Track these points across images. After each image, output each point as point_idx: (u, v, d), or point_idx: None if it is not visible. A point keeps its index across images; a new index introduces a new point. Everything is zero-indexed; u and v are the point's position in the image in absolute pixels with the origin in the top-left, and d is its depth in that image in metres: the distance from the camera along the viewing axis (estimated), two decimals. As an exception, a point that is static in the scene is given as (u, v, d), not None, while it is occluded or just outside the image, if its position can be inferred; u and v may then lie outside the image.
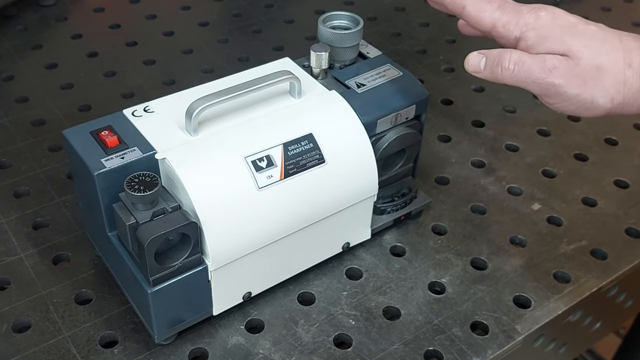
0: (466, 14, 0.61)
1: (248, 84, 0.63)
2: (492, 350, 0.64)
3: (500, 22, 0.59)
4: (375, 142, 0.68)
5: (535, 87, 0.58)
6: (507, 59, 0.58)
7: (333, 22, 0.72)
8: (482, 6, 0.60)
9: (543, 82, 0.57)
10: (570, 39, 0.57)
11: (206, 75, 0.97)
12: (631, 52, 0.57)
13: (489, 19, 0.60)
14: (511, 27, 0.59)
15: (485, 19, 0.60)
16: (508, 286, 0.70)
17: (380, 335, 0.65)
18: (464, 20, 0.62)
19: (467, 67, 0.61)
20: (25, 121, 0.88)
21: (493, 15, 0.59)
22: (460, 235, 0.75)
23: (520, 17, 0.59)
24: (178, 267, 0.58)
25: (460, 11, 0.61)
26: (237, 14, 1.11)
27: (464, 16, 0.61)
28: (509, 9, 0.59)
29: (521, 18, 0.59)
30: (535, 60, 0.57)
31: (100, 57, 1.00)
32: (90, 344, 0.63)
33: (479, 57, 0.60)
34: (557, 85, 0.57)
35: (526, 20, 0.58)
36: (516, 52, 0.58)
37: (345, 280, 0.70)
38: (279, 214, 0.62)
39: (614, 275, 0.72)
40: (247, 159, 0.60)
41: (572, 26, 0.58)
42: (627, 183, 0.83)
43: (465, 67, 0.61)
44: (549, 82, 0.57)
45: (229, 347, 0.64)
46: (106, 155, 0.60)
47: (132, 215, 0.57)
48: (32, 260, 0.71)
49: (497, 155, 0.86)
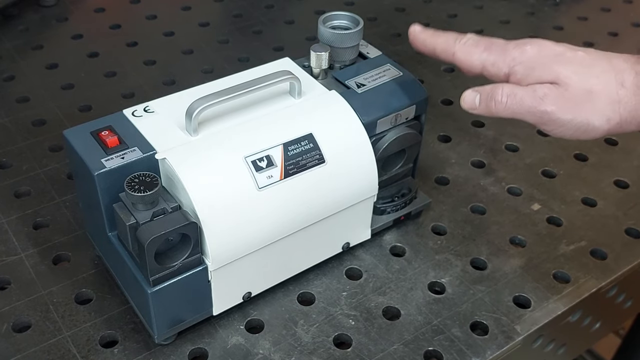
0: (457, 60, 0.63)
1: (248, 84, 0.63)
2: (492, 350, 0.64)
3: (489, 61, 0.62)
4: (375, 142, 0.68)
5: (530, 116, 0.59)
6: (500, 93, 0.60)
7: (333, 22, 0.72)
8: (470, 50, 0.62)
9: (536, 111, 0.59)
10: (557, 67, 0.59)
11: (206, 76, 0.97)
12: (623, 72, 0.58)
13: (477, 61, 0.62)
14: (500, 64, 0.61)
15: (475, 62, 0.62)
16: (508, 286, 0.70)
17: (380, 336, 0.65)
18: (456, 65, 0.64)
19: (463, 105, 0.63)
20: (25, 121, 0.88)
21: (481, 57, 0.62)
22: (460, 236, 0.75)
23: (507, 54, 0.61)
24: (178, 267, 0.58)
25: (451, 58, 0.64)
26: (238, 15, 1.11)
27: (454, 62, 0.64)
28: (495, 48, 0.62)
29: (508, 55, 0.61)
30: (527, 91, 0.59)
31: (101, 57, 1.00)
32: (90, 344, 0.63)
33: (473, 94, 0.62)
34: (549, 112, 0.58)
35: (513, 55, 0.61)
36: (508, 86, 0.60)
37: (345, 281, 0.70)
38: (279, 214, 0.62)
39: (614, 276, 0.72)
40: (247, 159, 0.60)
41: (558, 55, 0.60)
42: (627, 183, 0.83)
43: (461, 105, 0.63)
44: (542, 110, 0.59)
45: (229, 347, 0.64)
46: (106, 155, 0.60)
47: (132, 215, 0.57)
48: (32, 260, 0.71)
49: (497, 156, 0.86)
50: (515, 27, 1.11)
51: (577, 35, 1.10)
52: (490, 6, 1.16)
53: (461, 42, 0.63)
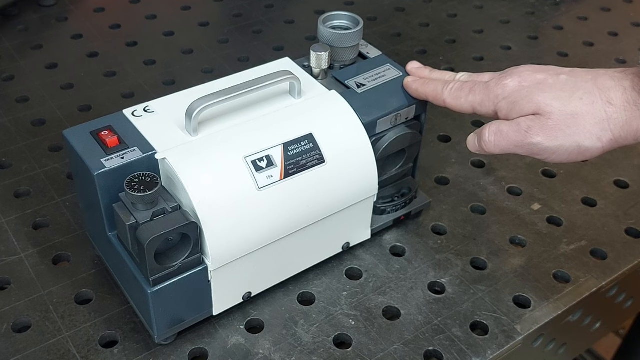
0: (448, 105, 0.65)
1: (248, 84, 0.63)
2: (492, 350, 0.64)
3: (476, 102, 0.63)
4: (375, 142, 0.68)
5: (520, 149, 0.60)
6: (487, 132, 0.62)
7: (333, 22, 0.72)
8: (457, 95, 0.64)
9: (524, 144, 0.59)
10: (537, 97, 0.59)
11: (206, 75, 0.97)
12: (609, 90, 0.58)
13: (466, 104, 0.64)
14: (486, 103, 0.63)
15: (463, 105, 0.64)
16: (508, 286, 0.70)
17: (380, 336, 0.65)
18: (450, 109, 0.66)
19: (470, 149, 0.65)
20: (25, 121, 0.88)
21: (467, 99, 0.64)
22: (460, 236, 0.75)
23: (490, 93, 0.62)
24: (178, 267, 0.58)
25: (443, 105, 0.66)
26: (237, 14, 1.11)
27: (447, 107, 0.66)
28: (478, 89, 0.63)
29: (491, 93, 0.62)
30: (511, 126, 0.60)
31: (101, 57, 1.00)
32: (90, 344, 0.63)
33: (473, 137, 0.64)
34: (536, 143, 0.59)
35: (496, 93, 0.62)
36: (494, 123, 0.62)
37: (345, 281, 0.70)
38: (279, 214, 0.62)
39: (614, 276, 0.72)
40: (247, 159, 0.60)
41: (539, 83, 0.60)
42: (627, 183, 0.83)
43: (469, 148, 0.64)
44: (529, 143, 0.59)
45: (229, 347, 0.64)
46: (106, 155, 0.60)
47: (132, 215, 0.57)
48: (32, 260, 0.71)
49: (497, 156, 0.86)
50: (515, 27, 1.11)
51: (577, 35, 1.10)
52: (490, 6, 1.16)
53: (447, 89, 0.65)
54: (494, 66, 1.00)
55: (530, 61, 1.01)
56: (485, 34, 1.09)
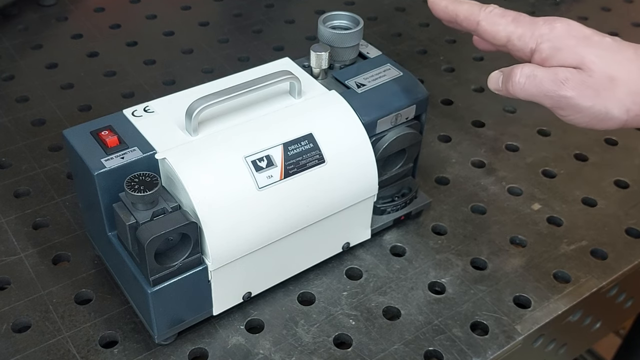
0: (481, 30, 0.61)
1: (248, 84, 0.63)
2: (492, 350, 0.64)
3: (515, 34, 0.59)
4: (375, 142, 0.68)
5: (547, 100, 0.58)
6: (518, 73, 0.58)
7: (333, 22, 0.72)
8: (496, 20, 0.60)
9: (555, 95, 0.57)
10: (583, 50, 0.57)
11: (206, 75, 0.97)
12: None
13: (503, 32, 0.60)
14: (526, 38, 0.59)
15: (500, 32, 0.60)
16: (508, 286, 0.70)
17: (380, 336, 0.65)
18: (479, 37, 0.62)
19: (490, 86, 0.61)
20: (25, 121, 0.88)
21: (507, 28, 0.60)
22: (460, 236, 0.75)
23: (536, 29, 0.59)
24: (178, 267, 0.58)
25: (475, 27, 0.61)
26: (238, 14, 1.11)
27: (478, 32, 0.61)
28: (524, 21, 0.60)
29: (537, 29, 0.59)
30: (548, 73, 0.57)
31: (101, 57, 1.00)
32: (90, 344, 0.63)
33: (497, 74, 0.61)
34: (569, 97, 0.57)
35: (541, 31, 0.58)
36: (528, 66, 0.58)
37: (345, 280, 0.70)
38: (279, 214, 0.62)
39: (614, 276, 0.72)
40: (247, 159, 0.60)
41: (586, 37, 0.58)
42: (628, 183, 0.83)
43: (489, 86, 0.61)
44: (561, 95, 0.57)
45: (229, 347, 0.64)
46: (106, 155, 0.60)
47: (132, 215, 0.57)
48: (32, 260, 0.71)
49: (498, 156, 0.86)
50: (515, 27, 1.11)
51: (577, 34, 1.10)
52: (490, 6, 1.16)
53: (487, 11, 0.60)
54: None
55: (531, 61, 1.01)
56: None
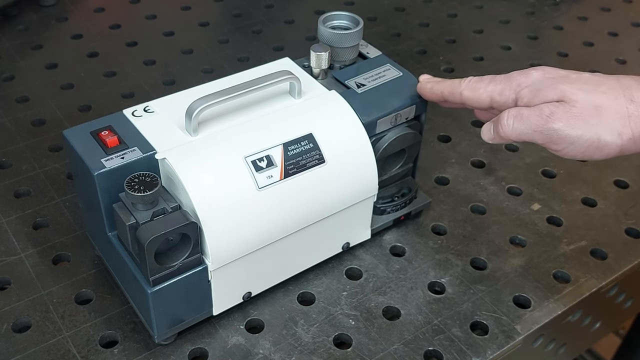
0: (465, 98, 0.64)
1: (248, 84, 0.63)
2: (492, 350, 0.64)
3: (496, 91, 0.62)
4: (375, 142, 0.68)
5: (538, 135, 0.59)
6: (506, 116, 0.60)
7: (333, 22, 0.72)
8: (475, 85, 0.64)
9: (544, 129, 0.58)
10: (562, 86, 0.59)
11: (206, 75, 0.97)
12: (630, 88, 0.58)
13: (484, 93, 0.63)
14: (507, 92, 0.62)
15: (482, 95, 0.63)
16: (508, 286, 0.70)
17: (380, 336, 0.65)
18: (465, 105, 0.65)
19: (483, 137, 0.64)
20: (25, 121, 0.88)
21: (487, 89, 0.63)
22: (460, 236, 0.75)
23: (513, 81, 0.62)
24: (178, 267, 0.58)
25: (459, 98, 0.65)
26: (237, 14, 1.11)
27: (464, 101, 0.65)
28: (500, 78, 0.63)
29: (514, 81, 0.62)
30: (533, 110, 0.59)
31: (101, 57, 1.00)
32: (90, 344, 0.63)
33: (488, 125, 0.63)
34: (557, 129, 0.58)
35: (518, 81, 0.61)
36: (515, 108, 0.61)
37: (345, 280, 0.70)
38: (279, 214, 0.62)
39: (614, 276, 0.72)
40: (247, 159, 0.60)
41: (563, 76, 0.60)
42: (627, 183, 0.83)
43: (482, 138, 0.64)
44: (550, 128, 0.58)
45: (229, 347, 0.64)
46: (106, 155, 0.60)
47: (132, 215, 0.57)
48: (32, 260, 0.71)
49: (497, 156, 0.86)
50: (515, 27, 1.11)
51: (577, 35, 1.10)
52: (490, 6, 1.16)
53: (466, 81, 0.65)
54: (494, 66, 1.00)
55: (530, 61, 1.01)
56: (485, 34, 1.09)
